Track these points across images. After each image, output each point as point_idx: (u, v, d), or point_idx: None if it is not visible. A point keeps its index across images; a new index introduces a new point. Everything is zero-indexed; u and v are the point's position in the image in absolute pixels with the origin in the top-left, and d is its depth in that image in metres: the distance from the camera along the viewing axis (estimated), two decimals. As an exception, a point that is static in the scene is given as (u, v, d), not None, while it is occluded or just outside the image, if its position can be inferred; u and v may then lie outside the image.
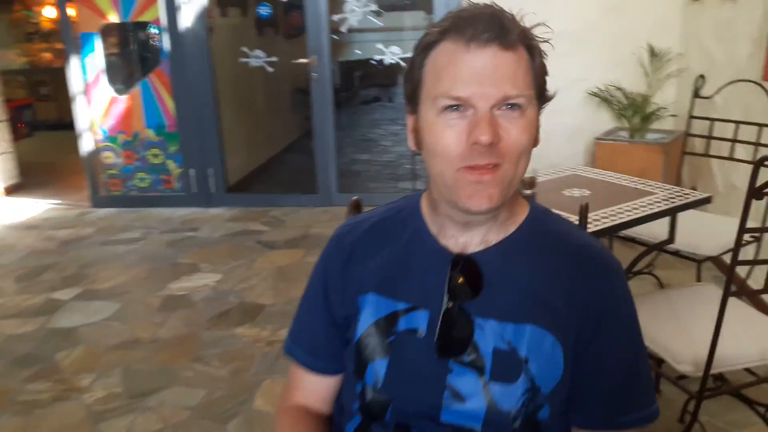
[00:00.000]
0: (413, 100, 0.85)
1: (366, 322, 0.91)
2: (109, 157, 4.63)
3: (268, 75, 4.61)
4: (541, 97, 0.83)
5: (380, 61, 4.38)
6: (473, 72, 0.77)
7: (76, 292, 3.29)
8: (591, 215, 1.84)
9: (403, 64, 4.32)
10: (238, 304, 3.03)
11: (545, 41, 0.83)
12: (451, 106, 0.78)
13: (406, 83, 0.86)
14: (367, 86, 7.47)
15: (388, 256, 0.92)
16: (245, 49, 4.51)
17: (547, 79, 0.84)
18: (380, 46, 4.38)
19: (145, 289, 3.28)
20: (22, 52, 8.03)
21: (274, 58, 4.52)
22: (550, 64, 0.84)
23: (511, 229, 0.88)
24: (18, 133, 5.50)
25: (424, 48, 0.82)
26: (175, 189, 4.62)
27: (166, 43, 4.35)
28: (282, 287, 3.17)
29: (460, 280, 0.85)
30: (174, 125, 4.50)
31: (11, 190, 5.12)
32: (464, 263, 0.86)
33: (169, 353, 2.63)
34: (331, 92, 4.36)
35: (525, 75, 0.79)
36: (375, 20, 4.38)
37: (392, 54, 4.34)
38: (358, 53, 5.30)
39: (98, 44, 4.44)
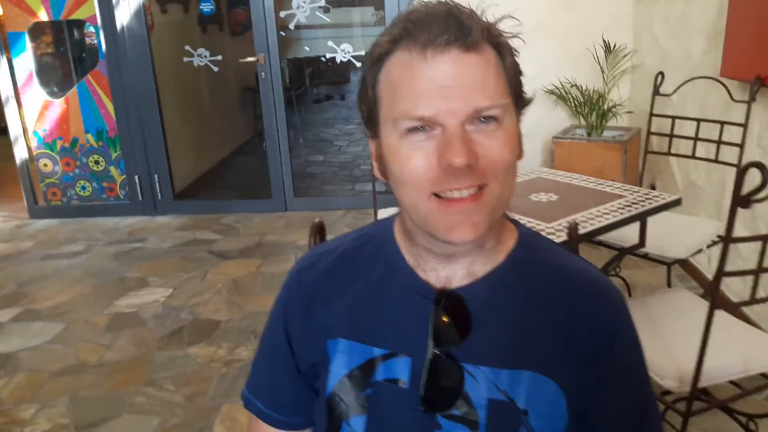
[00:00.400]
0: (371, 123, 0.73)
1: (338, 373, 0.79)
2: (46, 164, 4.35)
3: (214, 74, 4.42)
4: (519, 101, 0.72)
5: (331, 59, 4.25)
6: (435, 84, 0.65)
7: (15, 312, 3.06)
8: (562, 222, 1.78)
9: (355, 62, 4.21)
10: (191, 321, 2.86)
11: (515, 36, 0.72)
12: (415, 128, 0.67)
13: (360, 104, 0.74)
14: (318, 84, 7.32)
15: (359, 294, 0.80)
16: (188, 48, 4.31)
17: (523, 79, 0.72)
18: (330, 43, 4.26)
19: (90, 307, 3.07)
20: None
21: (219, 57, 4.34)
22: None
23: (499, 258, 0.77)
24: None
25: (374, 61, 0.71)
26: (120, 197, 4.38)
27: (102, 43, 4.11)
28: (238, 301, 3.02)
29: (445, 319, 0.74)
30: (116, 129, 4.27)
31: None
32: (448, 300, 0.75)
33: (119, 378, 2.46)
34: (282, 91, 4.21)
35: (496, 80, 0.68)
36: (323, 16, 4.25)
37: (343, 51, 4.23)
38: (307, 50, 5.16)
39: (28, 44, 4.17)
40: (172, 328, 2.80)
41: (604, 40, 3.70)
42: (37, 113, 4.27)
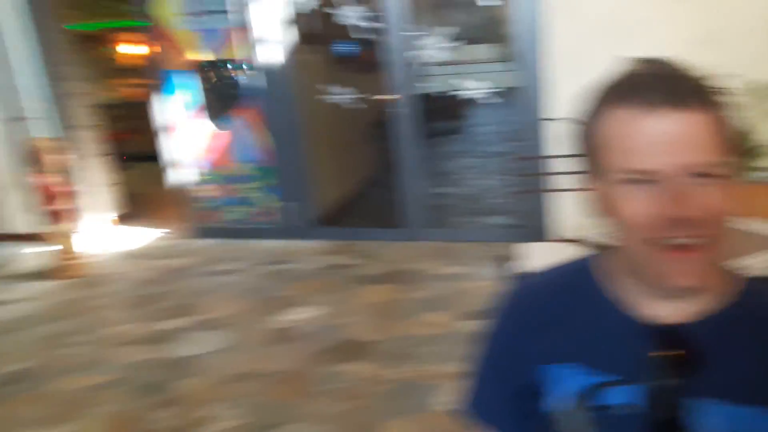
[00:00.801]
0: (589, 168, 0.82)
1: (561, 395, 0.87)
2: (204, 189, 4.85)
3: (346, 109, 4.74)
4: (739, 153, 0.76)
5: (455, 94, 4.45)
6: (657, 141, 0.72)
7: (188, 321, 3.45)
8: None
9: (482, 98, 4.37)
10: (342, 339, 3.11)
11: (732, 94, 0.77)
12: (637, 180, 0.73)
13: (577, 148, 0.82)
14: (441, 119, 7.56)
15: (577, 323, 0.88)
16: (325, 85, 4.67)
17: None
18: (456, 79, 4.46)
19: (251, 320, 3.41)
20: (113, 88, 8.53)
21: (354, 94, 4.65)
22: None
23: (721, 295, 0.81)
24: (122, 165, 5.85)
25: (593, 113, 0.78)
26: (269, 222, 4.78)
27: (254, 80, 4.56)
28: (384, 324, 3.23)
29: (669, 354, 0.79)
30: (265, 159, 4.69)
31: (121, 220, 5.42)
32: (670, 335, 0.79)
33: (285, 387, 2.73)
34: (415, 127, 4.44)
35: (717, 136, 0.72)
36: (450, 54, 4.46)
37: (468, 87, 4.41)
38: (432, 86, 5.39)
39: (187, 80, 4.68)
40: (326, 345, 3.06)
41: (748, 78, 3.62)
42: (196, 143, 4.78)
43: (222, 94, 4.83)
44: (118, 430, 2.55)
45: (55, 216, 4.31)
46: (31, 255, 4.68)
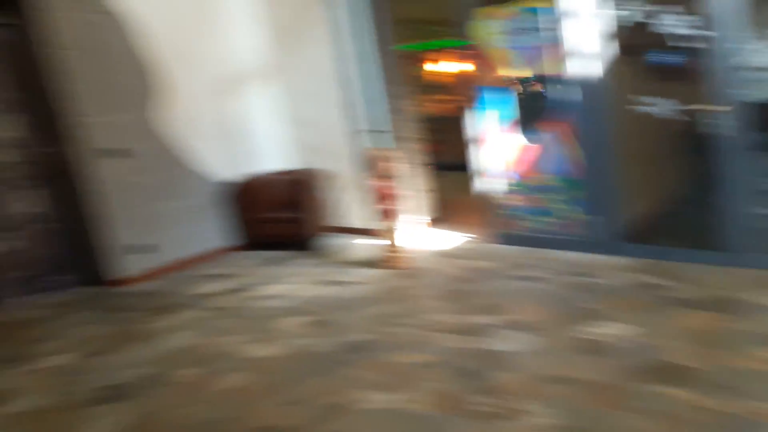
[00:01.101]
0: None
1: None
2: (509, 198, 5.12)
3: (658, 121, 4.51)
4: None
5: None
6: None
7: (497, 319, 3.73)
8: None
9: None
10: (658, 360, 3.03)
11: None
12: None
13: None
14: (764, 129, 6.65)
15: None
16: (638, 96, 4.51)
17: None
18: None
19: (558, 327, 3.53)
20: (427, 103, 9.43)
21: (670, 105, 4.40)
22: None
23: None
24: (435, 173, 6.52)
25: None
26: (574, 234, 4.83)
27: (566, 94, 4.63)
28: (705, 352, 3.04)
29: None
30: (572, 172, 4.75)
31: (434, 223, 6.06)
32: None
33: (598, 397, 2.78)
34: (742, 140, 4.02)
35: None
36: None
37: None
38: (763, 95, 4.80)
39: (500, 96, 4.96)
40: (639, 364, 3.00)
41: None
42: (505, 154, 5.06)
43: (534, 108, 5.02)
44: (442, 406, 2.90)
45: (384, 215, 5.02)
46: (362, 246, 5.53)
